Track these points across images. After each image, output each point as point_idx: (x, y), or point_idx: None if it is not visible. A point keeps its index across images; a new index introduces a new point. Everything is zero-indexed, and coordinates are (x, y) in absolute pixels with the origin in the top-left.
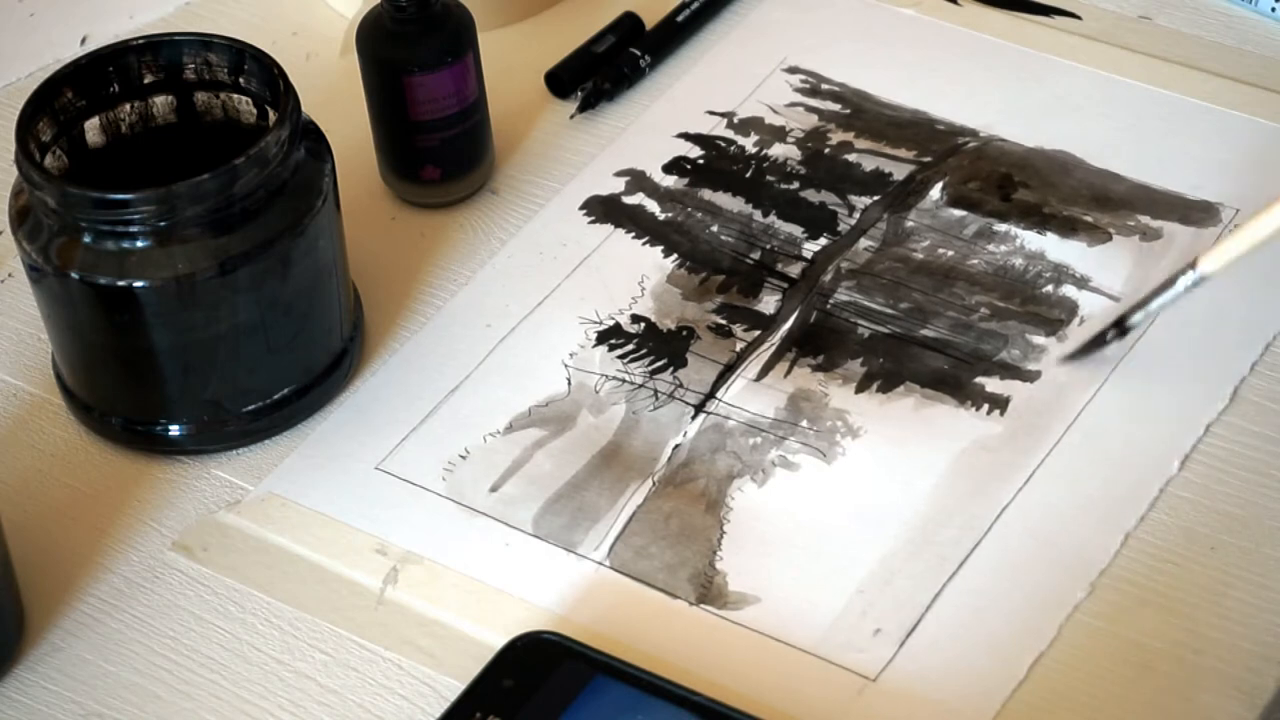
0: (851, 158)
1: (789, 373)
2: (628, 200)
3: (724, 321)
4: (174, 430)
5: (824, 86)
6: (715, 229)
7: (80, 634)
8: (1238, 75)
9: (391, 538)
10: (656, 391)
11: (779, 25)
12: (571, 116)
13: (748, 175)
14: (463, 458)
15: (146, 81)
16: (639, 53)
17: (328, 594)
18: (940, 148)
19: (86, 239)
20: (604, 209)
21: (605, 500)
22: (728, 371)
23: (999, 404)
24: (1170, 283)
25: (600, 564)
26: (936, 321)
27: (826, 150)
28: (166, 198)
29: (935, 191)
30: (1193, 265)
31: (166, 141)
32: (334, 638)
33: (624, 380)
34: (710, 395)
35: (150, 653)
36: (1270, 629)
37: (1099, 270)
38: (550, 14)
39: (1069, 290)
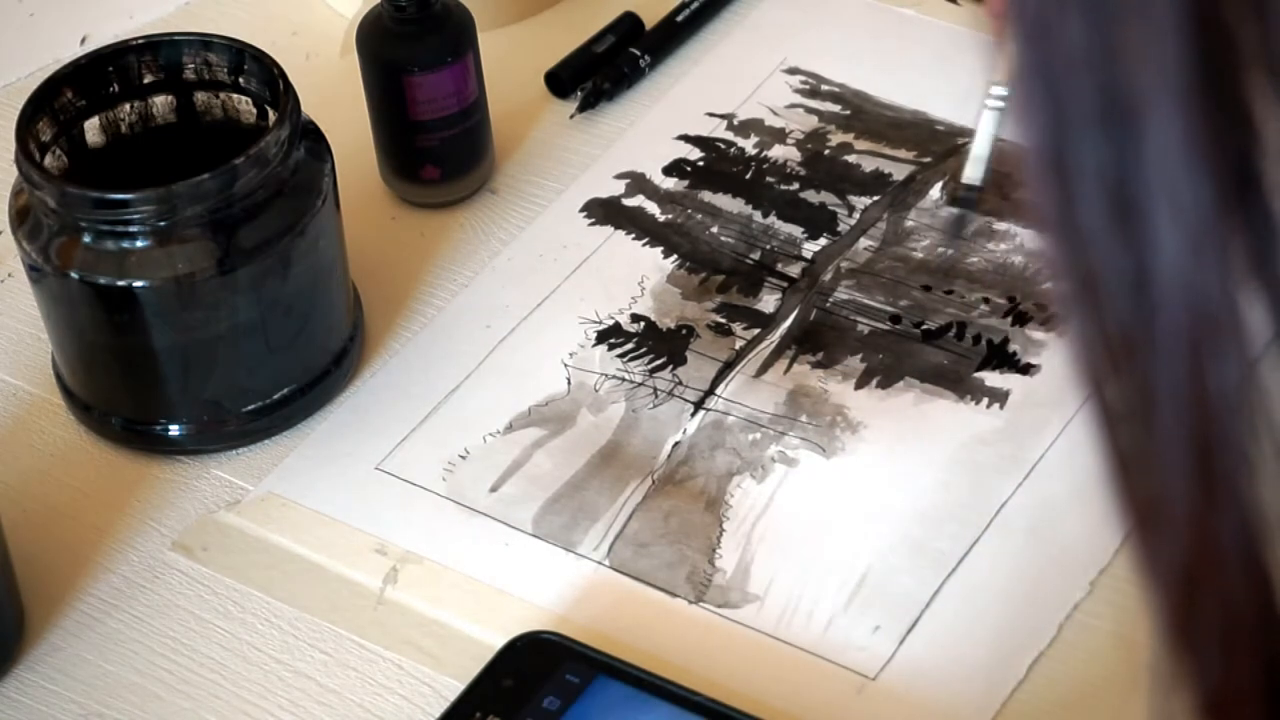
0: (851, 159)
1: (789, 369)
2: (628, 202)
3: (723, 320)
4: (174, 430)
5: (824, 88)
6: (715, 230)
7: (80, 634)
8: None
9: (391, 538)
10: (656, 390)
11: (779, 26)
12: (571, 116)
13: (748, 177)
14: (463, 458)
15: (146, 81)
16: (639, 53)
17: (328, 594)
18: (940, 148)
19: (86, 239)
20: (604, 211)
21: (605, 499)
22: (727, 369)
23: (999, 398)
24: (980, 125)
25: (600, 563)
26: (936, 318)
27: (826, 151)
28: (166, 198)
29: (935, 191)
30: (987, 95)
31: (166, 141)
32: (334, 638)
33: (623, 379)
34: (709, 392)
35: (150, 653)
36: None
37: None
38: (550, 14)
39: None
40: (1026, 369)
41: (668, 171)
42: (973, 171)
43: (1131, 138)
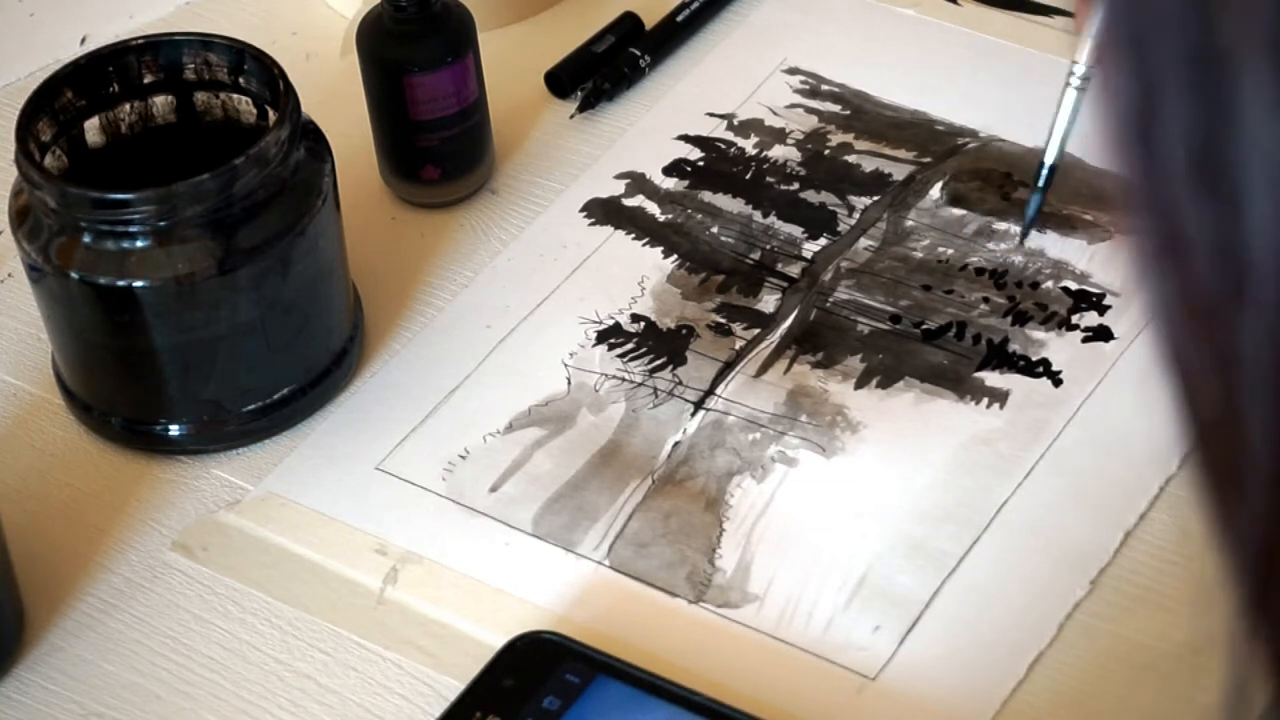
0: (851, 159)
1: (789, 369)
2: (628, 202)
3: (723, 320)
4: (174, 430)
5: (824, 88)
6: (715, 230)
7: (80, 634)
8: None
9: (391, 538)
10: (656, 390)
11: (779, 26)
12: (571, 116)
13: (748, 177)
14: (463, 458)
15: (146, 81)
16: (639, 53)
17: (328, 594)
18: (940, 149)
19: (86, 239)
20: (604, 211)
21: (605, 499)
22: (727, 369)
23: (999, 398)
24: (1061, 103)
25: (600, 563)
26: (936, 318)
27: (826, 151)
28: (166, 198)
29: (935, 191)
30: (1069, 73)
31: (166, 141)
32: (334, 638)
33: (624, 379)
34: (709, 392)
35: (150, 653)
36: None
37: (1099, 267)
38: (550, 14)
39: (1069, 286)
40: (1026, 368)
41: (668, 171)
42: (1051, 152)
43: (1222, 97)
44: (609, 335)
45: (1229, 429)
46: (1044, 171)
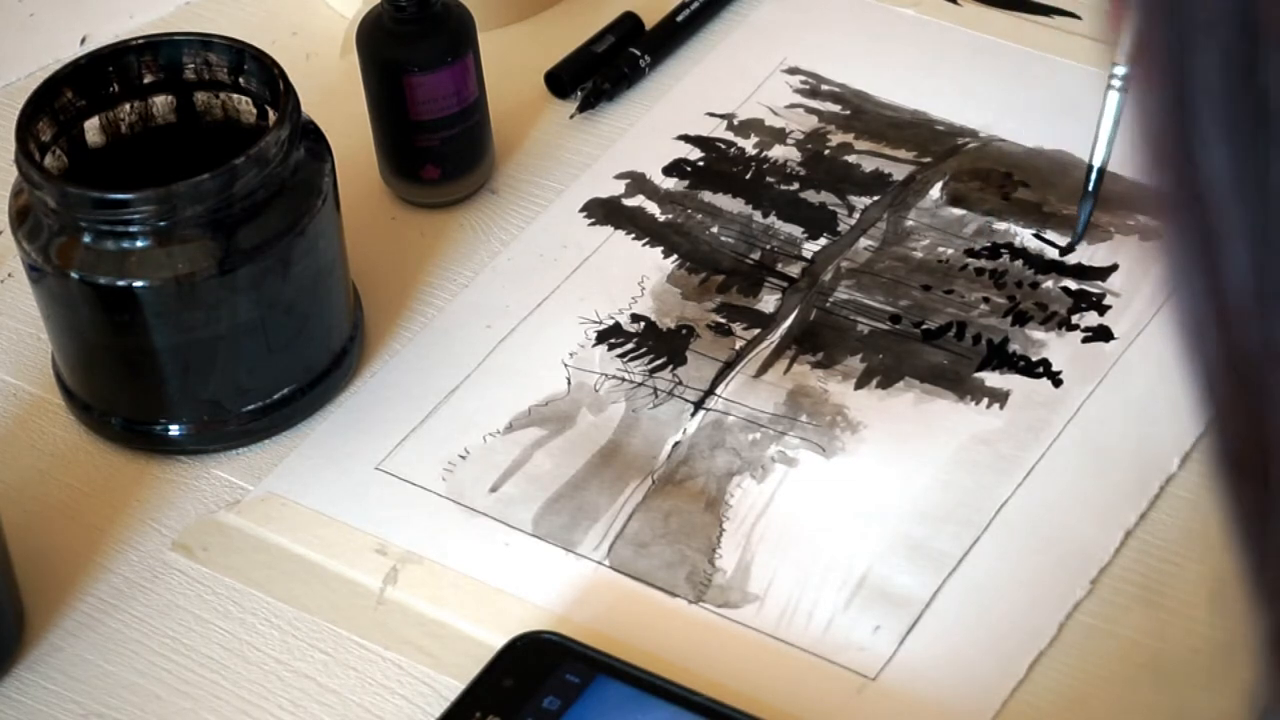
0: (851, 159)
1: (789, 369)
2: (628, 202)
3: (724, 320)
4: (174, 430)
5: (824, 87)
6: (715, 230)
7: (80, 634)
8: None
9: (391, 538)
10: (656, 390)
11: (779, 26)
12: (571, 116)
13: (748, 177)
14: (463, 458)
15: (146, 81)
16: (639, 53)
17: (328, 594)
18: (940, 148)
19: (86, 239)
20: (604, 211)
21: (605, 499)
22: (727, 369)
23: (999, 398)
24: (1104, 107)
25: (600, 563)
26: (936, 318)
27: (826, 152)
28: (166, 197)
29: (935, 191)
30: (1110, 75)
31: (166, 141)
32: (334, 638)
33: (624, 379)
34: (709, 392)
35: (150, 653)
36: None
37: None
38: (550, 14)
39: (1069, 286)
40: (1026, 368)
41: (668, 171)
42: (1099, 156)
43: (1262, 104)
44: (609, 335)
45: (1258, 429)
46: (1093, 176)
